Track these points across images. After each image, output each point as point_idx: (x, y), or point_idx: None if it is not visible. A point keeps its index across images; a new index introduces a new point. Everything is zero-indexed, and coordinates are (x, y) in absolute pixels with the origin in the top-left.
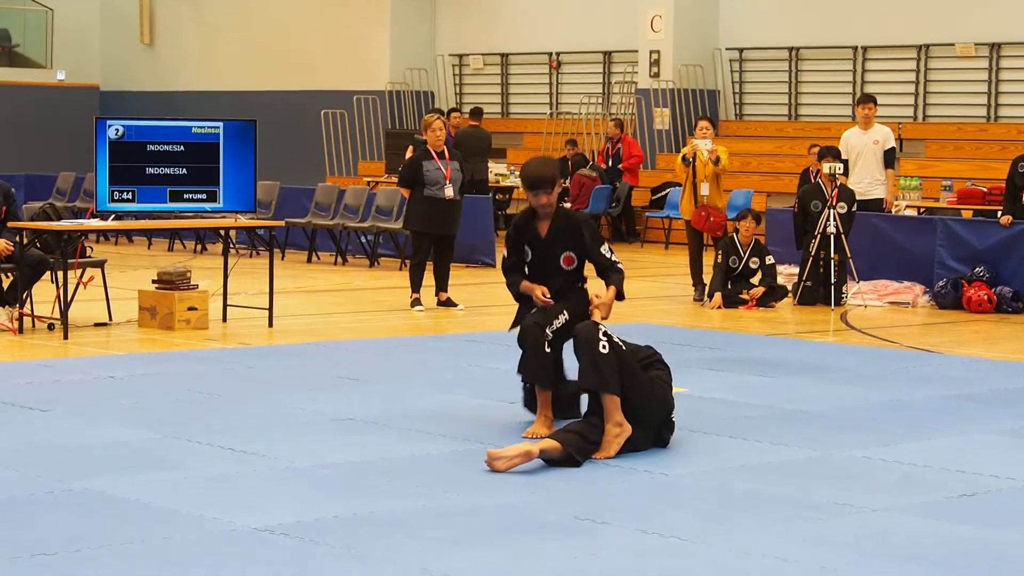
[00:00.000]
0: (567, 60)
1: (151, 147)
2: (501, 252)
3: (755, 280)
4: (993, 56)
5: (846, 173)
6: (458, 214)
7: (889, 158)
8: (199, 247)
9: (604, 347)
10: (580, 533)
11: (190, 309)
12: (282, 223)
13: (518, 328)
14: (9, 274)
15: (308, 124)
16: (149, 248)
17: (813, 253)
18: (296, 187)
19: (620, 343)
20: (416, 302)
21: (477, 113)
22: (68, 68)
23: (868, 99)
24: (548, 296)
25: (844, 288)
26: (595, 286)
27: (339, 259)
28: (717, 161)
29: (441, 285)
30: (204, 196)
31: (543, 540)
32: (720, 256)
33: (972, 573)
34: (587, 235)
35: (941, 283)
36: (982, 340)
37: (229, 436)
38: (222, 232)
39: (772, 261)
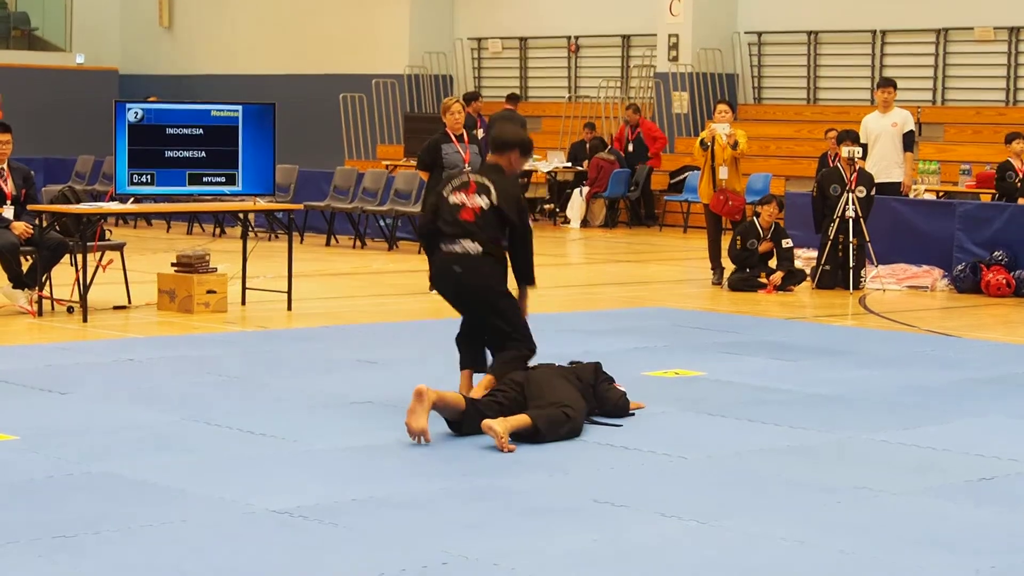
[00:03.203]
0: (586, 44)
1: (170, 130)
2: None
3: (772, 263)
4: (1012, 40)
5: (864, 157)
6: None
7: (908, 141)
8: (218, 230)
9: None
10: (599, 516)
11: (209, 292)
12: (301, 206)
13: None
14: (29, 257)
15: (327, 108)
16: (168, 231)
17: (832, 237)
18: (315, 170)
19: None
20: None
21: (514, 98)
22: (87, 52)
23: (888, 83)
24: None
25: (863, 272)
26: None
27: (358, 242)
28: (735, 145)
29: None
30: (223, 179)
31: (562, 523)
32: (740, 242)
33: (991, 556)
34: None
35: (960, 267)
36: (1001, 324)
37: (248, 419)
38: (241, 215)
39: (790, 245)
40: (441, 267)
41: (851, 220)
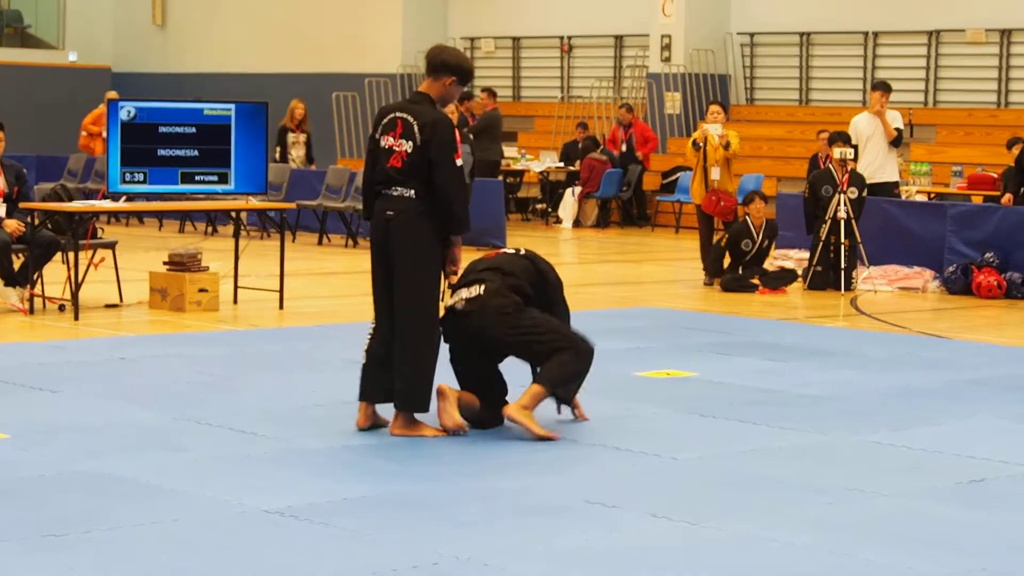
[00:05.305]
0: (578, 44)
1: (163, 129)
2: (511, 235)
3: (767, 265)
4: (1004, 42)
5: (856, 159)
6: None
7: (896, 138)
8: (210, 229)
9: None
10: (590, 516)
11: (201, 291)
12: (293, 205)
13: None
14: (20, 255)
15: (319, 107)
16: (160, 230)
17: (823, 238)
18: (307, 169)
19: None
20: None
21: (493, 93)
22: (80, 49)
23: (884, 88)
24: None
25: (854, 273)
26: None
27: (350, 241)
28: (727, 146)
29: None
30: (215, 178)
31: (553, 523)
32: (725, 240)
33: (981, 558)
34: None
35: (951, 268)
36: (992, 326)
37: (239, 418)
38: (233, 214)
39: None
40: (376, 216)
41: (843, 221)
